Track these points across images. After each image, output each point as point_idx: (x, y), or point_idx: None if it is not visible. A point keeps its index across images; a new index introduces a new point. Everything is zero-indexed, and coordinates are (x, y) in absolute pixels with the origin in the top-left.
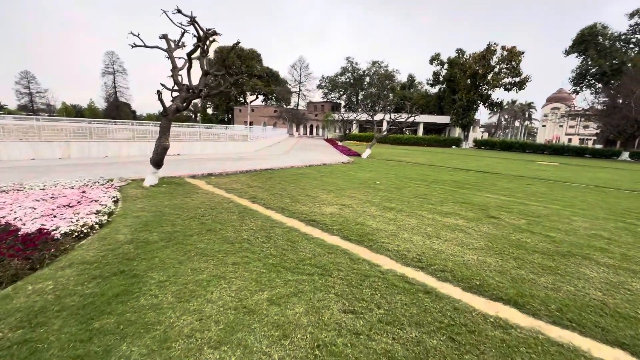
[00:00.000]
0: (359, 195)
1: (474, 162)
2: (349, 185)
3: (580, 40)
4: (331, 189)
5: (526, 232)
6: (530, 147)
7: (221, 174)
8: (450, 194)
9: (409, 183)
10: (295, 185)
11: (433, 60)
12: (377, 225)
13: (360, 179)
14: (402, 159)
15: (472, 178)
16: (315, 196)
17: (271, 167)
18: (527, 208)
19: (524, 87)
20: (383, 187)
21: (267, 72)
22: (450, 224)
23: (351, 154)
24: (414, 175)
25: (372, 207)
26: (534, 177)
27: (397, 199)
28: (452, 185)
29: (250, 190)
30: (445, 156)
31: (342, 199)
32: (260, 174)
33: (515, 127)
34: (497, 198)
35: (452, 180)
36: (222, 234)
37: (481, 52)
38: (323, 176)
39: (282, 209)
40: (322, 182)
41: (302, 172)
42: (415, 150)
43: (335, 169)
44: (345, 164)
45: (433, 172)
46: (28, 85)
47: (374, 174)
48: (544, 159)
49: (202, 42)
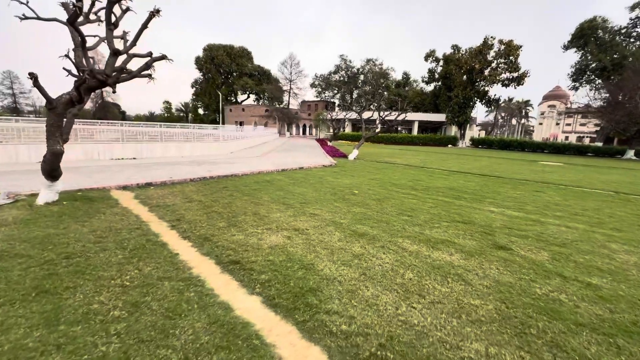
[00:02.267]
0: (324, 212)
1: (472, 163)
2: (319, 196)
3: (580, 35)
4: (293, 202)
5: (554, 276)
6: (530, 146)
7: (165, 184)
8: (444, 207)
9: (395, 192)
10: (249, 198)
11: (428, 56)
12: (331, 271)
13: (337, 187)
14: (393, 161)
15: (470, 184)
16: (265, 215)
17: (234, 174)
18: (544, 229)
19: (522, 82)
20: (361, 198)
21: (259, 70)
22: (441, 263)
23: (337, 155)
24: (403, 181)
25: (336, 232)
26: (541, 180)
27: (373, 218)
28: (446, 194)
29: (184, 207)
30: (440, 156)
31: (299, 219)
32: (214, 183)
33: (512, 125)
34: (503, 213)
35: (447, 188)
36: (65, 299)
37: (478, 47)
38: (292, 184)
39: (205, 240)
40: (286, 193)
41: (269, 179)
42: (409, 150)
43: (311, 174)
44: (326, 167)
45: (426, 176)
46: (11, 85)
47: (356, 180)
48: (546, 159)
49: (108, 9)
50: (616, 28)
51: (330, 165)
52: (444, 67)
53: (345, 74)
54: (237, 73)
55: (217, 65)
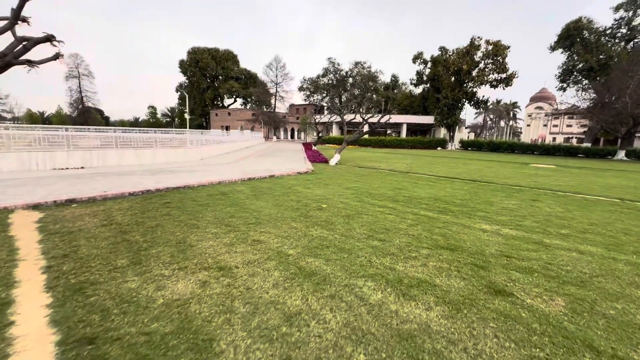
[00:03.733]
0: (272, 237)
1: (461, 166)
2: (277, 213)
3: (566, 35)
4: (240, 223)
5: (581, 349)
6: (520, 148)
7: (93, 200)
8: (427, 225)
9: (371, 205)
10: (187, 218)
11: (416, 58)
12: (237, 354)
13: (304, 199)
14: (377, 166)
15: (459, 192)
16: (192, 244)
17: (188, 185)
18: (552, 257)
19: (510, 83)
20: (327, 214)
21: (245, 73)
22: (412, 329)
23: (318, 160)
24: (383, 190)
25: (275, 271)
26: (536, 186)
27: (334, 245)
28: (431, 206)
29: (91, 233)
30: (428, 160)
31: (235, 249)
32: (157, 197)
33: (500, 127)
34: (498, 232)
35: (433, 198)
36: None
37: (465, 48)
38: (252, 197)
39: (76, 292)
40: (237, 210)
41: (227, 191)
42: (397, 154)
43: (280, 183)
44: (300, 174)
45: (410, 183)
46: None
47: (329, 190)
48: (537, 161)
49: None
50: (601, 29)
51: (305, 172)
52: (432, 69)
53: (333, 77)
54: (223, 77)
55: (202, 69)
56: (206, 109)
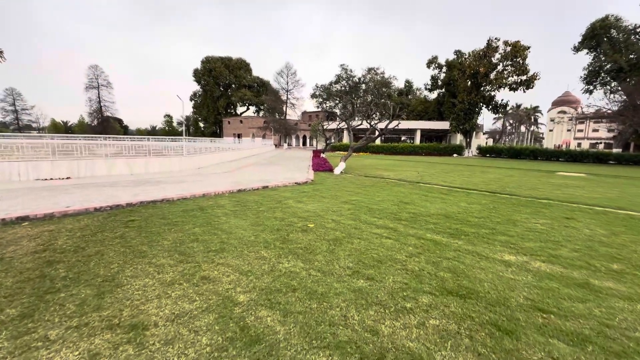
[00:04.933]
0: (230, 272)
1: (479, 175)
2: (251, 235)
3: (591, 35)
4: (199, 250)
5: None
6: (543, 154)
7: (50, 217)
8: (432, 255)
9: (367, 225)
10: (140, 242)
11: (430, 63)
12: None
13: (290, 217)
14: (385, 174)
15: (475, 208)
16: (120, 283)
17: (167, 198)
18: (608, 313)
19: (532, 85)
20: (310, 238)
21: (257, 81)
22: None
23: (322, 169)
24: (386, 205)
25: (202, 337)
26: (568, 200)
27: (301, 288)
28: (440, 227)
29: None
30: (443, 168)
31: (173, 291)
32: (125, 213)
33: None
34: (526, 267)
35: (443, 215)
36: None
37: (481, 50)
38: (231, 213)
39: None
40: (206, 231)
41: (207, 205)
42: (409, 161)
43: (271, 196)
44: (298, 184)
45: (419, 196)
46: (14, 102)
47: (323, 205)
48: (563, 168)
49: None
50: (630, 27)
51: (304, 183)
52: (447, 73)
53: (346, 84)
54: (236, 85)
55: (215, 78)
56: (219, 117)
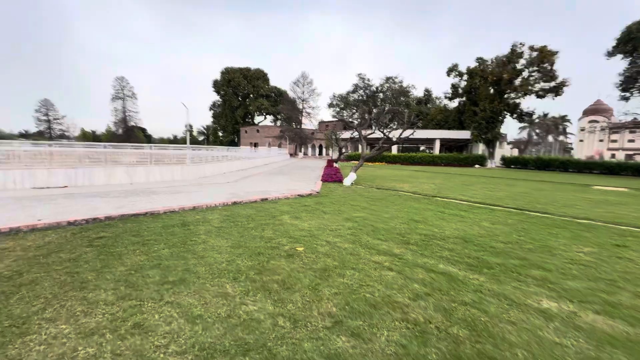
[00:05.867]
0: (167, 322)
1: (504, 188)
2: (223, 261)
3: (627, 39)
4: (152, 280)
5: None
6: (574, 165)
7: (16, 232)
8: (444, 297)
9: (366, 250)
10: (92, 267)
11: (451, 71)
12: None
13: (279, 237)
14: (399, 186)
15: (500, 229)
16: (24, 332)
17: (152, 211)
18: None
19: (561, 92)
20: (293, 267)
21: (275, 91)
22: None
23: (332, 180)
24: (394, 223)
25: None
26: (614, 220)
27: (255, 350)
28: (456, 255)
29: None
30: (463, 180)
31: (82, 349)
32: (99, 228)
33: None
34: (573, 322)
35: (461, 239)
36: None
37: (505, 56)
38: (214, 231)
39: None
40: (176, 253)
41: (193, 221)
42: (427, 172)
43: (267, 210)
44: (302, 197)
45: (433, 212)
46: (47, 112)
47: (322, 222)
48: (599, 181)
49: None
50: None
51: (308, 195)
52: (469, 81)
53: (363, 93)
54: (254, 95)
55: (234, 88)
56: (237, 127)
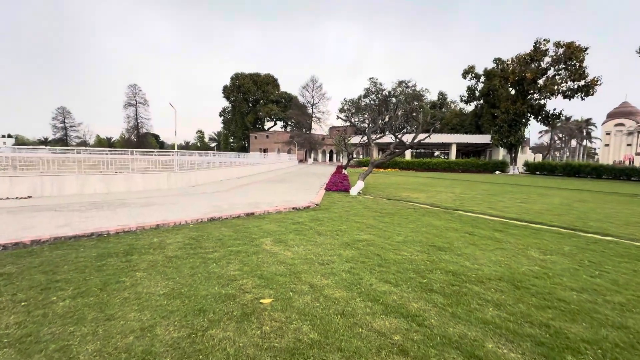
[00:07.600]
0: None
1: (537, 199)
2: (135, 329)
3: None
4: None
5: None
6: (608, 172)
7: None
8: None
9: (368, 306)
10: None
11: (467, 73)
12: None
13: (246, 277)
14: (413, 197)
15: (560, 265)
16: None
17: (102, 231)
18: None
19: (591, 92)
20: (237, 348)
21: (285, 96)
22: None
23: (336, 189)
24: (409, 252)
25: None
26: None
27: None
28: (509, 317)
29: None
30: (486, 188)
31: None
32: (11, 257)
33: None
34: None
35: (508, 281)
36: None
37: (527, 54)
38: (162, 265)
39: None
40: (72, 311)
41: (143, 246)
42: (444, 179)
43: (248, 230)
44: (298, 210)
45: (459, 233)
46: (64, 120)
47: (313, 248)
48: None
49: None
50: None
51: (305, 208)
52: (486, 83)
53: (375, 97)
54: (264, 100)
55: (244, 93)
56: (247, 133)
